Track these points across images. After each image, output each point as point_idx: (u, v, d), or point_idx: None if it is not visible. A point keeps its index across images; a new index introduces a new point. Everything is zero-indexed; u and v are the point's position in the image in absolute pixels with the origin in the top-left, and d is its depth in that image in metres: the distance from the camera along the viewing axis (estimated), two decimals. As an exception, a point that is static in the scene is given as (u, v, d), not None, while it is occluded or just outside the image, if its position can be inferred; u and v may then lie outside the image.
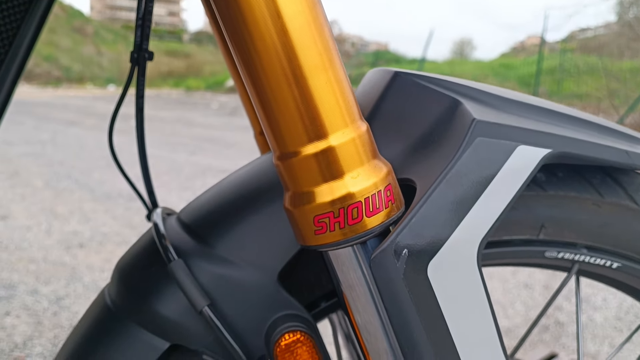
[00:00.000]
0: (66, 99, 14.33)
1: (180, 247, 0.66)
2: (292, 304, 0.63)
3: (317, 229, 0.53)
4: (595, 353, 2.59)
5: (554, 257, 0.74)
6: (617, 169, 0.76)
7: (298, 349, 0.60)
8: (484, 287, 0.57)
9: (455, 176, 0.55)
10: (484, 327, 0.57)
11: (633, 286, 0.80)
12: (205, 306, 0.61)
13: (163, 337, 0.65)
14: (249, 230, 0.65)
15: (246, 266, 0.64)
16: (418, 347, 0.54)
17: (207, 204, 0.70)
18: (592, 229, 0.74)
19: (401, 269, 0.53)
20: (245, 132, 9.66)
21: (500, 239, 0.73)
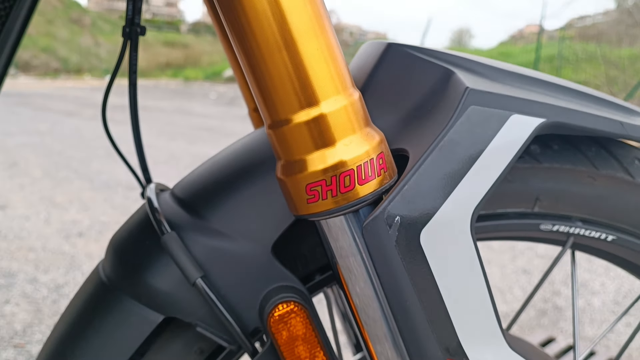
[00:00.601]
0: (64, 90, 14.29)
1: (173, 221, 0.65)
2: (286, 276, 0.63)
3: (310, 198, 0.53)
4: (593, 336, 2.59)
5: (549, 229, 0.73)
6: (612, 142, 0.75)
7: (292, 319, 0.60)
8: (478, 256, 0.57)
9: (448, 144, 0.55)
10: (477, 297, 0.57)
11: (628, 259, 0.80)
12: (199, 278, 0.61)
13: (157, 310, 0.65)
14: (243, 202, 0.65)
15: (240, 238, 0.64)
16: (411, 315, 0.54)
17: (200, 178, 0.70)
18: (587, 202, 0.73)
19: (393, 237, 0.52)
20: (243, 121, 9.64)
21: (495, 212, 0.72)
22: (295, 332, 0.60)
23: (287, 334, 0.60)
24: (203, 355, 0.70)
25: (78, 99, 12.74)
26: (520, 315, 0.77)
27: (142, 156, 0.76)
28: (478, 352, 0.57)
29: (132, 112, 0.77)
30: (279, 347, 0.61)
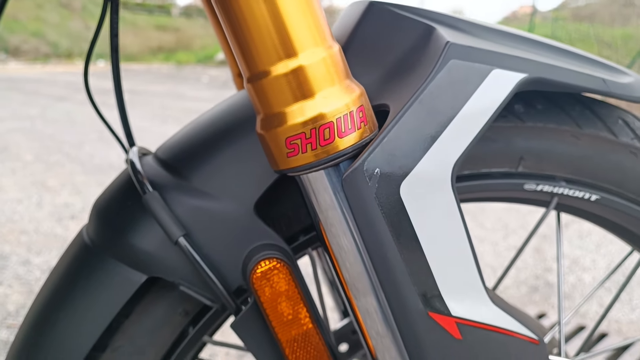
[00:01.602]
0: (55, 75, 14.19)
1: (155, 181, 0.65)
2: (269, 234, 0.63)
3: (289, 151, 0.53)
4: (584, 312, 2.62)
5: (533, 189, 0.73)
6: (596, 101, 0.75)
7: (274, 276, 0.60)
8: (459, 210, 0.56)
9: (428, 97, 0.55)
10: (459, 250, 0.57)
11: (611, 220, 0.80)
12: (181, 236, 0.61)
13: (140, 270, 0.65)
14: (225, 162, 0.65)
15: (222, 197, 0.64)
16: (391, 268, 0.54)
17: (182, 140, 0.70)
18: (571, 161, 0.73)
19: (373, 189, 0.52)
20: (236, 105, 9.56)
21: (479, 172, 0.72)
22: (278, 289, 0.60)
23: (270, 291, 0.60)
24: (188, 316, 0.70)
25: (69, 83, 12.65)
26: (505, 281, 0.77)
27: (126, 121, 0.76)
28: (460, 305, 0.57)
29: (115, 78, 0.76)
30: (261, 304, 0.61)
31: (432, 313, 0.55)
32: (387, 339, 0.58)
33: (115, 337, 0.69)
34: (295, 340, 0.62)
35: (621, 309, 2.65)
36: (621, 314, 2.60)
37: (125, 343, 0.69)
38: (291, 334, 0.62)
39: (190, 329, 0.71)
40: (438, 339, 0.56)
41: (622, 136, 0.74)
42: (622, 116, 0.76)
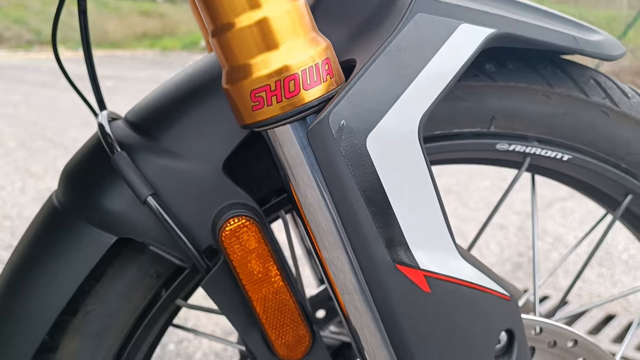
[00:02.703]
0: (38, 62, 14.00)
1: (124, 142, 0.65)
2: (238, 193, 0.63)
3: (254, 104, 0.53)
4: (564, 287, 2.64)
5: (506, 149, 0.73)
6: (568, 62, 0.75)
7: (243, 234, 0.60)
8: (427, 164, 0.56)
9: (395, 50, 0.55)
10: (427, 204, 0.57)
11: (583, 180, 0.81)
12: (149, 195, 0.60)
13: (110, 232, 0.64)
14: (194, 121, 0.64)
15: (191, 157, 0.63)
16: (359, 221, 0.54)
17: (152, 102, 0.69)
18: (542, 121, 0.74)
19: (339, 141, 0.52)
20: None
21: (451, 132, 0.72)
22: (247, 247, 0.60)
23: (239, 249, 0.60)
24: (160, 279, 0.70)
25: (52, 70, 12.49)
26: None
27: (97, 86, 0.74)
28: (428, 259, 0.57)
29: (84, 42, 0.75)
30: (231, 262, 0.61)
31: (400, 266, 0.55)
32: (357, 294, 0.58)
33: (87, 301, 0.68)
34: (266, 299, 0.62)
35: (603, 283, 2.68)
36: (603, 288, 2.63)
37: (97, 307, 0.69)
38: (262, 292, 0.62)
39: (162, 291, 0.71)
40: (406, 292, 0.56)
41: (594, 95, 0.74)
42: (593, 76, 0.76)
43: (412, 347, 0.57)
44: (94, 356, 0.70)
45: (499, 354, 0.65)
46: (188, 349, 2.21)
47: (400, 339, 0.57)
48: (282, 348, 0.64)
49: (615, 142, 0.76)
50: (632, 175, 0.78)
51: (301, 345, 0.64)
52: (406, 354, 0.58)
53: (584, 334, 0.76)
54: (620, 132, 0.76)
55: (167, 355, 2.16)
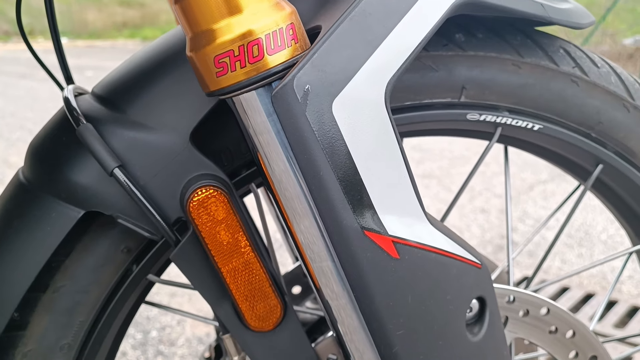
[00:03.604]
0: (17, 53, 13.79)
1: (90, 115, 0.64)
2: (207, 165, 0.62)
3: (218, 70, 0.52)
4: (546, 267, 2.67)
5: (476, 119, 0.73)
6: (538, 32, 0.75)
7: (212, 205, 0.59)
8: (394, 131, 0.56)
9: (360, 15, 0.54)
10: (394, 169, 0.56)
11: (553, 150, 0.81)
12: (116, 167, 0.60)
13: (77, 205, 0.63)
14: (160, 93, 0.64)
15: (158, 128, 0.63)
16: (325, 186, 0.54)
17: (118, 75, 0.68)
18: (512, 90, 0.74)
19: (304, 105, 0.52)
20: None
21: (422, 102, 0.72)
22: (216, 217, 0.60)
23: (208, 219, 0.60)
24: (131, 254, 0.69)
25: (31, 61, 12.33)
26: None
27: (64, 61, 0.73)
28: (397, 225, 0.57)
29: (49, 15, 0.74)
30: (200, 232, 0.60)
31: (368, 232, 0.55)
32: (326, 262, 0.58)
33: (56, 277, 0.68)
34: (236, 270, 0.62)
35: (582, 263, 2.70)
36: (582, 268, 2.66)
37: (67, 282, 0.68)
38: (232, 264, 0.61)
39: (133, 267, 0.70)
40: (375, 258, 0.56)
41: (564, 65, 0.75)
42: (563, 45, 0.76)
43: (383, 314, 0.57)
44: (64, 333, 0.69)
45: (470, 321, 0.66)
46: (171, 335, 2.20)
47: (370, 306, 0.57)
48: (253, 319, 0.64)
49: (585, 112, 0.76)
50: (602, 144, 0.78)
51: (273, 317, 0.64)
52: (376, 322, 0.58)
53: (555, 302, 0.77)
54: (590, 102, 0.76)
55: (149, 342, 2.15)
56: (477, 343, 0.64)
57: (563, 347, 0.79)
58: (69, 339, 0.70)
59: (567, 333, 0.78)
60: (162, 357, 2.07)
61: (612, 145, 0.79)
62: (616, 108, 0.77)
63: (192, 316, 0.80)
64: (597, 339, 0.79)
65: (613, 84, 0.77)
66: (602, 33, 7.78)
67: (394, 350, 0.58)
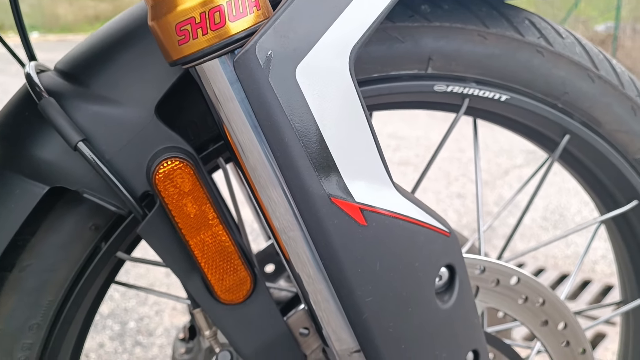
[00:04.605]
0: (-13, 49, 13.57)
1: (52, 90, 0.62)
2: (173, 137, 0.62)
3: (180, 39, 0.52)
4: (523, 250, 2.70)
5: (444, 90, 0.74)
6: (503, 4, 0.76)
7: (177, 177, 0.59)
8: (359, 98, 0.56)
9: None
10: (359, 136, 0.56)
11: (520, 121, 0.82)
12: (80, 141, 0.59)
13: (41, 181, 0.62)
14: (124, 66, 0.63)
15: (123, 101, 0.62)
16: (290, 153, 0.53)
17: (81, 50, 0.67)
18: (479, 61, 0.74)
19: (266, 71, 0.51)
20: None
21: (389, 74, 0.72)
22: (182, 189, 0.59)
23: (174, 192, 0.59)
24: (99, 231, 0.68)
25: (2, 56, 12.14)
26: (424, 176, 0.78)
27: (26, 38, 0.72)
28: (364, 192, 0.57)
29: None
30: (166, 205, 0.60)
31: (335, 199, 0.55)
32: (294, 231, 0.58)
33: (23, 256, 0.67)
34: (204, 243, 0.61)
35: (557, 245, 2.74)
36: (557, 250, 2.70)
37: (34, 261, 0.67)
38: (199, 236, 0.61)
39: (102, 244, 0.70)
40: (342, 225, 0.56)
41: (529, 35, 0.75)
42: (528, 17, 0.77)
43: (351, 282, 0.57)
44: (33, 313, 0.68)
45: (441, 290, 0.66)
46: (149, 325, 2.19)
47: (338, 273, 0.57)
48: (223, 292, 0.64)
49: (551, 82, 0.77)
50: (568, 115, 0.79)
51: (242, 289, 0.64)
52: (345, 289, 0.58)
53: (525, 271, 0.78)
54: (556, 72, 0.77)
55: (127, 333, 2.14)
56: (448, 310, 0.64)
57: (534, 315, 0.80)
58: (38, 318, 0.69)
59: (537, 302, 0.79)
60: (141, 347, 2.06)
61: (578, 115, 0.79)
62: (581, 78, 0.78)
63: (164, 295, 0.80)
64: (566, 306, 0.80)
65: (577, 54, 0.78)
66: (574, 20, 7.87)
67: (363, 317, 0.58)
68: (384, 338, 0.60)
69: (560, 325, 0.81)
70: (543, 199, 3.34)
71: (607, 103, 0.79)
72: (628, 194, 0.85)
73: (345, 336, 0.63)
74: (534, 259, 2.62)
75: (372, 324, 0.59)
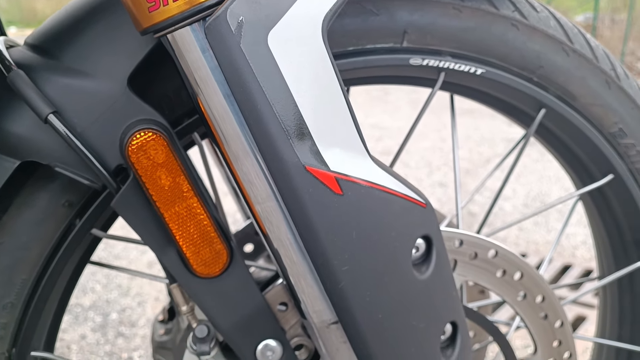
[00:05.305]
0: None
1: (22, 63, 0.61)
2: (146, 110, 0.61)
3: (151, 5, 0.51)
4: (504, 236, 2.72)
5: (419, 64, 0.74)
6: (478, -23, 0.76)
7: (151, 148, 0.58)
8: (333, 66, 0.56)
9: None
10: (333, 104, 0.56)
11: (498, 96, 0.82)
12: (50, 113, 0.58)
13: (11, 156, 0.61)
14: (95, 38, 0.62)
15: (94, 74, 0.61)
16: (264, 121, 0.53)
17: (51, 23, 0.66)
18: (454, 35, 0.74)
19: (238, 37, 0.51)
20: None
21: (364, 48, 0.72)
22: (156, 161, 0.58)
23: (148, 163, 0.58)
24: (73, 208, 0.68)
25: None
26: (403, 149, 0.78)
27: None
28: (339, 161, 0.57)
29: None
30: (140, 177, 0.59)
31: (310, 167, 0.55)
32: (270, 202, 0.57)
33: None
34: (179, 215, 0.61)
35: (538, 231, 2.77)
36: (538, 235, 2.72)
37: (6, 239, 0.66)
38: (174, 209, 0.60)
39: (76, 221, 0.69)
40: (317, 194, 0.56)
41: (503, 9, 0.75)
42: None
43: (327, 251, 0.57)
44: (6, 292, 0.67)
45: (418, 261, 0.66)
46: (131, 316, 2.18)
47: (314, 243, 0.57)
48: (199, 266, 0.63)
49: (526, 56, 0.77)
50: (544, 89, 0.79)
51: (219, 262, 0.64)
52: (321, 258, 0.58)
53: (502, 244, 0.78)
54: (531, 46, 0.77)
55: (110, 324, 2.12)
56: (425, 281, 0.64)
57: (512, 289, 0.80)
58: (12, 297, 0.68)
59: (515, 275, 0.80)
60: (123, 338, 2.05)
61: (553, 89, 0.80)
62: (556, 52, 0.78)
63: (141, 274, 0.79)
64: (544, 279, 0.81)
65: (552, 27, 0.78)
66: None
67: (340, 286, 0.58)
68: (360, 307, 0.60)
69: (538, 299, 0.82)
70: (524, 186, 3.37)
71: (581, 77, 0.80)
72: (604, 168, 0.86)
73: (323, 308, 0.62)
74: (515, 245, 2.64)
75: (348, 293, 0.59)
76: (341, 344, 0.65)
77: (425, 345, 0.65)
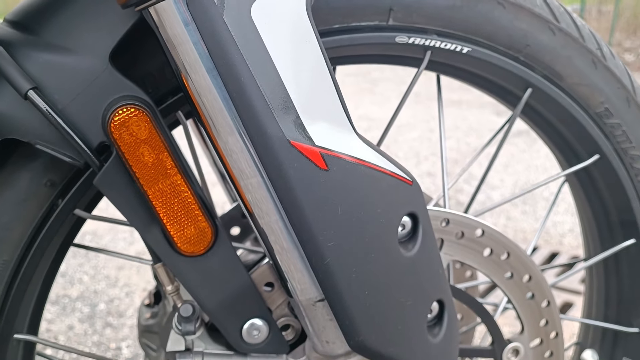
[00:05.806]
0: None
1: (1, 39, 0.60)
2: (128, 86, 0.60)
3: None
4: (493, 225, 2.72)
5: (405, 42, 0.73)
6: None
7: (133, 124, 0.57)
8: (317, 39, 0.55)
9: None
10: (319, 80, 0.56)
11: (484, 75, 0.82)
12: (30, 89, 0.57)
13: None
14: (76, 13, 0.61)
15: (75, 50, 0.60)
16: (247, 94, 0.52)
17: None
18: (440, 13, 0.73)
19: (220, 8, 0.50)
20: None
21: (350, 25, 0.71)
22: (138, 137, 0.58)
23: (130, 139, 0.58)
24: (55, 188, 0.67)
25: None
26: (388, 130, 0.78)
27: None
28: (324, 137, 0.56)
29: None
30: (123, 154, 0.58)
31: (295, 142, 0.54)
32: (255, 178, 0.57)
33: (-25, 214, 0.65)
34: (163, 192, 0.60)
35: (526, 219, 2.78)
36: (526, 224, 2.73)
37: (-13, 219, 0.65)
38: (158, 186, 0.60)
39: (59, 201, 0.68)
40: (302, 169, 0.55)
41: (489, -13, 0.75)
42: (488, -32, 0.76)
43: (312, 226, 0.57)
44: (-12, 273, 0.67)
45: (404, 239, 0.66)
46: (119, 307, 2.16)
47: (299, 218, 0.57)
48: (184, 244, 0.62)
49: (512, 35, 0.77)
50: (530, 68, 0.79)
51: (203, 240, 0.63)
52: (307, 233, 0.57)
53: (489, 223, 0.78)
54: (517, 24, 0.76)
55: (97, 315, 2.11)
56: (411, 258, 0.64)
57: (499, 268, 0.81)
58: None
59: (502, 255, 0.80)
60: (111, 328, 2.04)
61: (540, 68, 0.80)
62: (542, 31, 0.78)
63: (127, 257, 0.79)
64: (531, 259, 0.81)
65: (538, 6, 0.78)
66: (541, 2, 7.93)
67: (325, 262, 0.58)
68: (346, 284, 0.60)
69: (525, 278, 0.82)
70: (512, 175, 3.38)
71: (568, 56, 0.80)
72: (590, 148, 0.86)
73: (309, 285, 0.62)
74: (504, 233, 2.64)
75: (334, 269, 0.59)
76: (327, 322, 0.65)
77: (411, 322, 0.65)
